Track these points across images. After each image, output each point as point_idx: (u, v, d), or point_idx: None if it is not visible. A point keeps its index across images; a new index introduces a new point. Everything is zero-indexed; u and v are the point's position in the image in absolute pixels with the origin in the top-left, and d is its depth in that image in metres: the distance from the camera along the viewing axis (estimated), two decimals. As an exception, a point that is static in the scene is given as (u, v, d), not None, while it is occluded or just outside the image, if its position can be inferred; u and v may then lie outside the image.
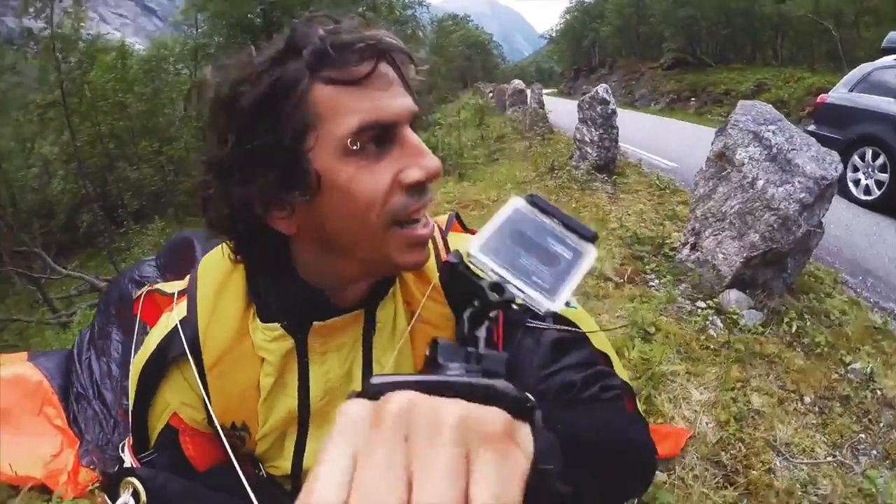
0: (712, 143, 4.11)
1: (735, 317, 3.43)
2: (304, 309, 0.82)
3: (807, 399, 2.76)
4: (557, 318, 0.92)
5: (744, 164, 3.76)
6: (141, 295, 1.07)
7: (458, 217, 1.07)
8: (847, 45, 26.76)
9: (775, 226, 3.51)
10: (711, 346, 3.17)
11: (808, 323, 3.47)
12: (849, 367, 3.05)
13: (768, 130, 3.79)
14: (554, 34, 66.26)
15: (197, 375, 0.86)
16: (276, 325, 0.83)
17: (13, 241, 18.26)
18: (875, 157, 6.84)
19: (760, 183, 3.63)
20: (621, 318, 3.46)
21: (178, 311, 0.89)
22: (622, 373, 1.01)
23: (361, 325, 0.87)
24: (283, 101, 0.68)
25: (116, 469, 0.88)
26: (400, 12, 28.41)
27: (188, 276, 0.95)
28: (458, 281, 0.63)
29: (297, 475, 0.92)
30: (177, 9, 26.97)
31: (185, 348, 0.85)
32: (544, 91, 16.18)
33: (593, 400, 0.82)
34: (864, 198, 6.93)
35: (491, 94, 23.87)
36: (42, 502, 1.88)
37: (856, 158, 7.08)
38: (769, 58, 35.74)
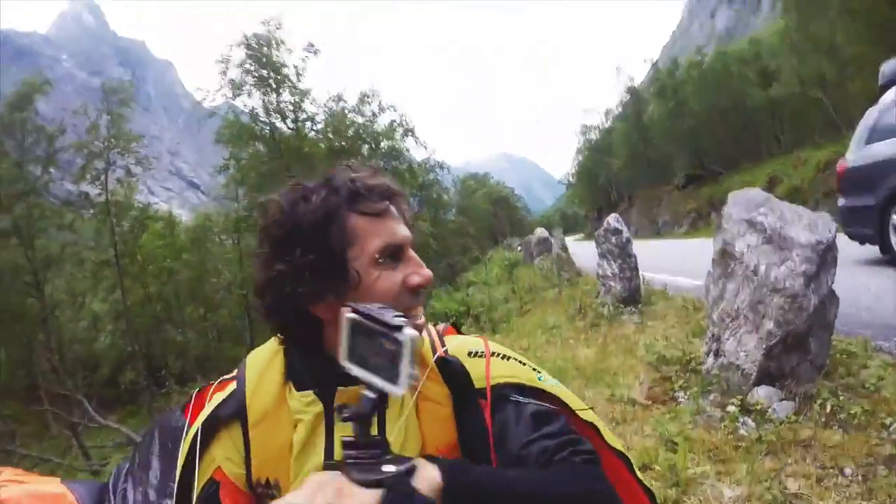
0: (713, 244, 4.14)
1: (763, 411, 3.31)
2: (332, 378, 1.01)
3: (847, 471, 2.60)
4: (540, 394, 1.12)
5: (744, 255, 3.77)
6: (192, 395, 1.27)
7: (453, 324, 1.36)
8: (840, 107, 27.34)
9: (786, 307, 3.46)
10: (742, 445, 3.05)
11: (843, 398, 3.30)
12: (890, 428, 2.88)
13: (760, 214, 3.81)
14: (571, 178, 68.56)
15: (242, 433, 1.08)
16: (310, 392, 1.06)
17: (57, 384, 18.72)
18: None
19: (763, 268, 3.62)
20: (646, 436, 3.40)
21: (229, 388, 1.14)
22: (614, 441, 1.15)
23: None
24: (330, 226, 1.00)
25: None
26: (423, 177, 30.10)
27: (236, 368, 1.20)
28: (452, 371, 1.11)
29: None
30: (218, 184, 29.10)
31: (234, 410, 1.09)
32: (572, 237, 16.66)
33: (562, 462, 0.97)
34: None
35: (519, 247, 24.64)
36: None
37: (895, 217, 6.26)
38: (774, 148, 36.37)
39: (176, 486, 1.12)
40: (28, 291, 22.18)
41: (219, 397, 1.14)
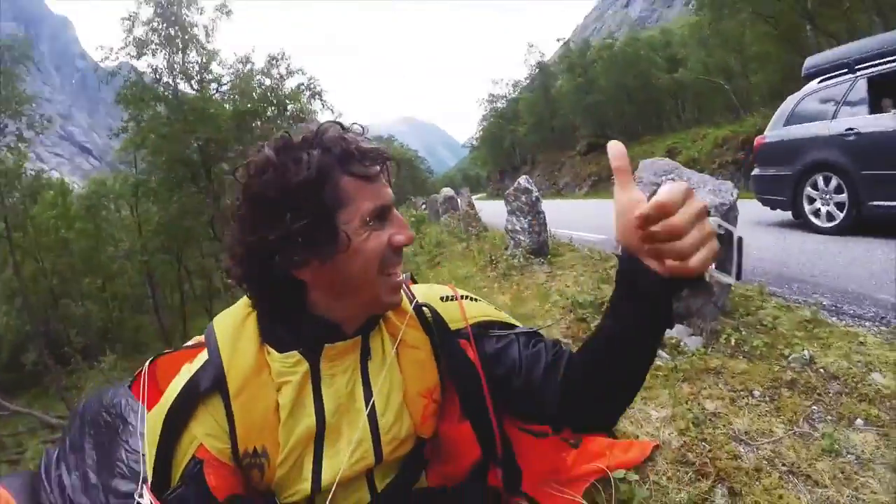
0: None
1: (677, 344, 3.65)
2: (319, 336, 1.07)
3: (756, 393, 2.94)
4: (509, 324, 1.28)
5: (652, 213, 4.15)
6: (141, 372, 1.25)
7: (412, 277, 1.39)
8: (740, 94, 29.50)
9: (692, 258, 3.88)
10: (661, 374, 3.33)
11: (745, 333, 3.69)
12: (789, 358, 3.27)
13: (668, 179, 4.14)
14: (475, 142, 69.01)
15: (223, 405, 1.04)
16: (294, 352, 1.07)
17: None
18: (827, 181, 6.99)
19: (670, 224, 4.02)
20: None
21: (199, 358, 1.09)
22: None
23: (359, 352, 1.13)
24: (323, 187, 0.99)
25: None
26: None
27: (198, 336, 1.21)
28: (430, 316, 1.19)
29: (313, 497, 1.08)
30: (112, 148, 27.16)
31: (211, 382, 1.04)
32: (474, 196, 16.85)
33: (556, 355, 1.16)
34: (828, 225, 7.04)
35: (424, 206, 24.63)
36: None
37: (809, 189, 7.27)
38: (675, 124, 38.34)
39: (150, 467, 1.06)
40: None
41: (189, 369, 1.08)
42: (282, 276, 1.02)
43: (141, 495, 0.99)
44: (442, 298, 1.25)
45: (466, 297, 1.28)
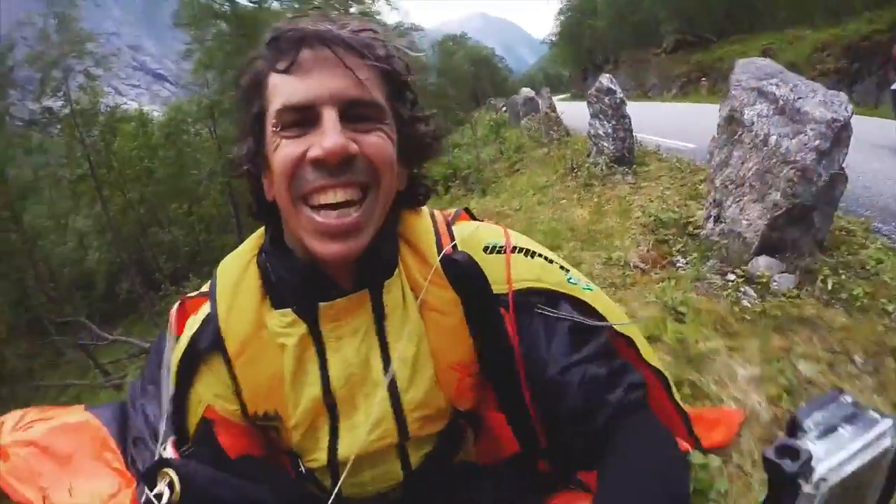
0: (719, 110, 3.98)
1: (766, 283, 3.28)
2: (307, 287, 0.87)
3: (857, 359, 2.59)
4: (572, 301, 0.93)
5: (753, 123, 3.62)
6: (172, 315, 1.10)
7: (467, 210, 1.10)
8: None
9: (795, 179, 3.36)
10: (747, 318, 3.03)
11: (844, 277, 3.28)
12: (893, 315, 2.87)
13: (771, 84, 3.65)
14: (553, 38, 66.38)
15: (225, 366, 0.91)
16: (289, 310, 0.88)
17: (58, 312, 18.97)
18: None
19: (773, 138, 3.49)
20: (650, 303, 3.34)
21: (203, 310, 0.96)
22: (651, 356, 1.00)
23: (370, 310, 0.89)
24: (253, 89, 0.83)
25: (154, 461, 0.90)
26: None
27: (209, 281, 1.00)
28: (462, 273, 0.89)
29: (335, 466, 0.93)
30: (186, 72, 27.75)
31: (210, 341, 0.92)
32: (558, 97, 16.22)
33: (619, 412, 0.80)
34: None
35: (504, 108, 23.97)
36: None
37: None
38: (767, 24, 35.37)
39: (167, 425, 1.00)
40: (6, 227, 20.92)
41: (192, 324, 0.96)
42: (257, 193, 0.90)
43: (166, 448, 0.96)
44: (486, 249, 0.94)
45: (521, 249, 0.96)
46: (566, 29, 58.79)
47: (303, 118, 0.77)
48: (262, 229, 0.98)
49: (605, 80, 7.83)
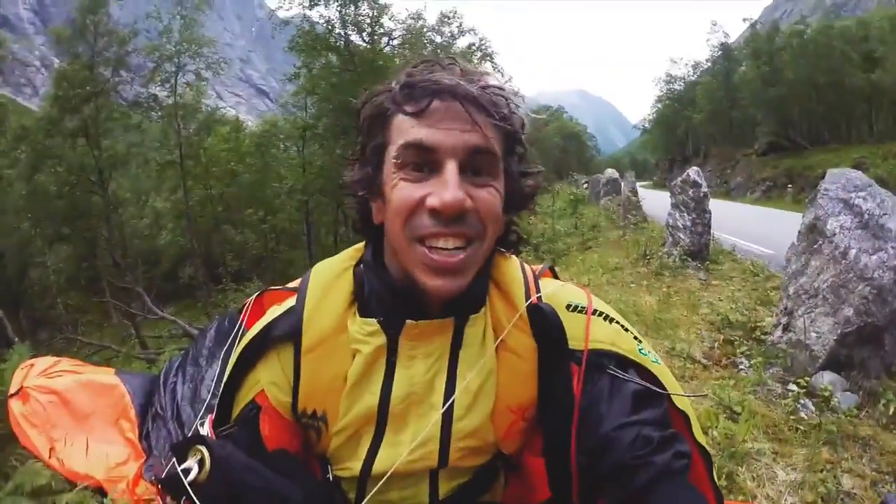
0: (803, 217, 3.95)
1: (827, 397, 3.19)
2: (397, 304, 0.91)
3: None
4: (640, 369, 0.96)
5: (835, 235, 3.59)
6: (250, 301, 1.20)
7: (551, 268, 1.18)
8: None
9: (870, 297, 3.31)
10: (801, 428, 2.96)
11: None
12: None
13: (859, 197, 3.62)
14: (647, 124, 66.36)
15: (294, 357, 0.95)
16: (373, 320, 0.93)
17: (118, 277, 19.84)
18: None
19: (853, 252, 3.45)
20: (706, 397, 3.32)
21: (287, 302, 1.00)
22: (700, 436, 1.00)
23: (450, 338, 0.94)
24: (377, 122, 0.88)
25: (189, 436, 0.92)
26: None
27: (300, 278, 1.07)
28: (545, 323, 0.93)
29: (365, 479, 0.96)
30: (287, 92, 29.27)
31: (287, 330, 0.95)
32: (640, 183, 16.26)
33: (662, 474, 0.82)
34: None
35: (585, 185, 24.12)
36: (94, 502, 1.89)
37: None
38: (865, 134, 34.48)
39: (218, 398, 1.02)
40: (93, 190, 22.76)
41: (274, 311, 1.00)
42: (364, 212, 0.96)
43: (203, 425, 0.98)
44: (569, 307, 0.98)
45: (601, 313, 1.00)
46: (662, 117, 58.89)
47: (424, 161, 0.82)
48: (361, 244, 1.03)
49: (692, 172, 7.83)
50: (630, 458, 0.83)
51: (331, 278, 0.99)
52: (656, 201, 14.14)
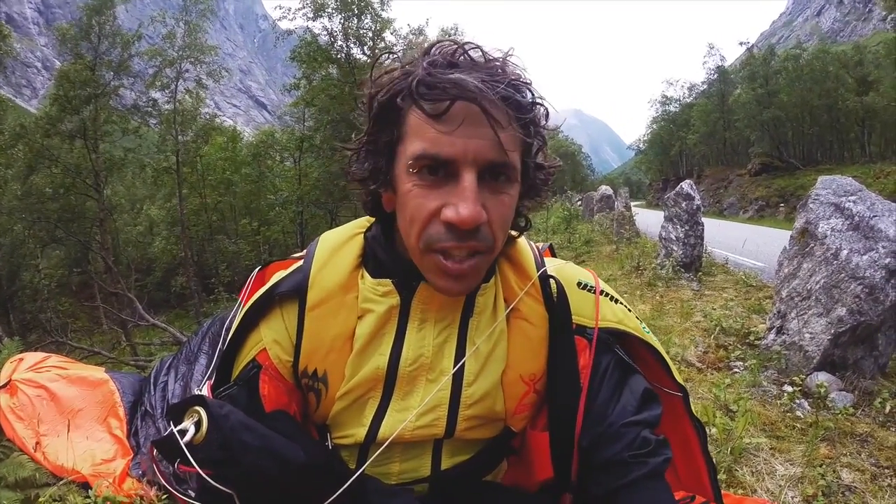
0: (795, 222, 4.02)
1: (823, 395, 3.22)
2: (415, 272, 0.90)
3: None
4: (646, 345, 1.07)
5: (826, 237, 3.65)
6: (252, 276, 1.18)
7: (550, 247, 1.22)
8: None
9: (862, 296, 3.35)
10: (798, 426, 2.99)
11: None
12: None
13: (849, 201, 3.69)
14: (642, 145, 66.86)
15: (297, 313, 0.95)
16: (388, 280, 0.94)
17: (110, 283, 19.76)
18: None
19: (844, 253, 3.50)
20: (702, 399, 3.34)
21: (294, 265, 1.01)
22: (678, 377, 1.12)
23: (461, 306, 0.96)
24: (390, 114, 0.84)
25: (187, 397, 0.89)
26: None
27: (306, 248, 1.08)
28: (559, 292, 0.98)
29: (367, 447, 0.97)
30: (285, 105, 29.42)
31: (293, 286, 0.96)
32: (633, 203, 16.47)
33: (651, 474, 0.89)
34: None
35: (579, 202, 24.28)
36: (79, 496, 1.88)
37: None
38: (857, 155, 35.01)
39: (217, 360, 1.02)
40: (88, 193, 22.60)
41: (280, 275, 1.01)
42: (374, 194, 0.93)
43: (202, 388, 0.96)
44: (579, 284, 1.03)
45: (607, 293, 1.05)
46: (656, 137, 59.56)
47: (440, 168, 0.80)
48: (359, 220, 1.05)
49: (685, 185, 7.93)
50: (628, 455, 0.89)
51: (340, 242, 1.00)
52: (649, 220, 14.31)
